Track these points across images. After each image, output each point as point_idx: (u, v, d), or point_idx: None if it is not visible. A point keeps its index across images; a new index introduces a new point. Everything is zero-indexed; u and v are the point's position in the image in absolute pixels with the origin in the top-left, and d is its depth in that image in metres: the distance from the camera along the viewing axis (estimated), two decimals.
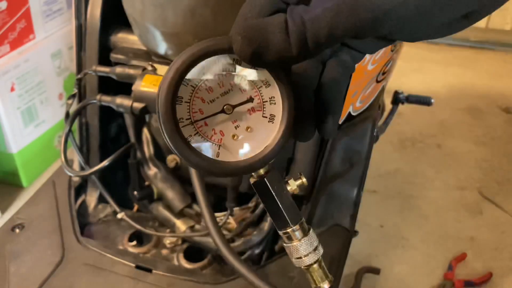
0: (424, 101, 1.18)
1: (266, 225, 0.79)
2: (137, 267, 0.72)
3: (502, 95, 1.82)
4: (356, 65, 0.38)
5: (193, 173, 0.69)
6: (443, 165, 1.46)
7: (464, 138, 1.59)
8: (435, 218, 1.27)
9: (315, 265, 0.41)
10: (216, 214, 0.81)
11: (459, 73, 1.94)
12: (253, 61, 0.33)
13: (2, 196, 1.31)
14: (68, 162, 0.76)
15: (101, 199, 0.88)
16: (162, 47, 0.69)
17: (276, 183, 0.40)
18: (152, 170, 0.85)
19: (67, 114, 0.78)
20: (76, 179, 0.88)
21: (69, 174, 0.79)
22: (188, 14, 0.63)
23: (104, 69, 0.75)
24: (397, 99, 1.20)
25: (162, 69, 0.72)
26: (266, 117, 0.37)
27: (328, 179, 0.78)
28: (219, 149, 0.37)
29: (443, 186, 1.38)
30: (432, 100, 1.19)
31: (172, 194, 0.83)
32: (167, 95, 0.35)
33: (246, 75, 0.36)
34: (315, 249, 0.41)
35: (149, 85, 0.68)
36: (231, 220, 0.82)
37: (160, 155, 0.86)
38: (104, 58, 0.78)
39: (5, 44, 1.21)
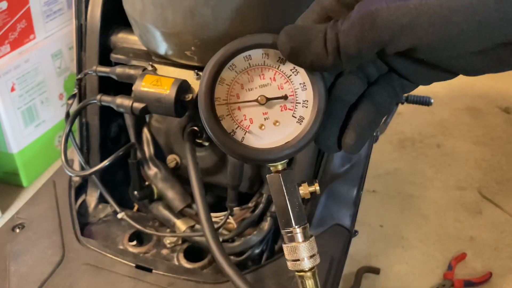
0: (423, 101, 1.19)
1: (266, 225, 0.79)
2: (137, 266, 0.72)
3: (501, 95, 1.82)
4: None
5: (192, 173, 0.69)
6: (443, 165, 1.46)
7: (463, 138, 1.59)
8: (435, 218, 1.27)
9: (309, 273, 0.42)
10: (216, 214, 0.81)
11: None
12: (291, 58, 0.36)
13: (3, 196, 1.31)
14: (69, 162, 0.77)
15: (101, 199, 0.88)
16: (162, 47, 0.70)
17: (290, 182, 0.42)
18: (152, 170, 0.85)
19: (68, 114, 0.78)
20: (76, 179, 0.88)
21: (70, 174, 0.79)
22: (188, 14, 0.63)
23: (104, 69, 0.75)
24: None
25: (162, 69, 0.72)
26: (295, 117, 0.39)
27: (328, 179, 0.78)
28: (245, 134, 0.39)
29: (442, 186, 1.38)
30: (432, 100, 1.19)
31: (172, 194, 0.83)
32: (211, 73, 0.39)
33: (287, 74, 0.39)
34: (313, 256, 0.42)
35: (150, 85, 0.68)
36: (231, 220, 0.82)
37: (160, 155, 0.86)
38: (104, 58, 0.78)
39: (6, 44, 1.21)
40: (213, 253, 0.64)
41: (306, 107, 0.39)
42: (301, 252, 0.42)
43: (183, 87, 0.68)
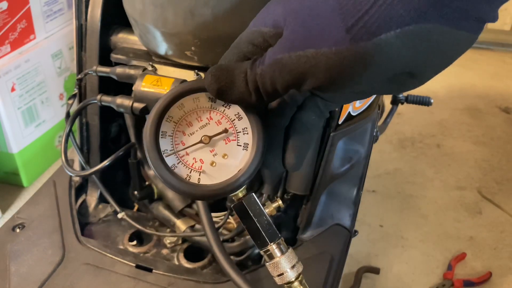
0: (423, 101, 1.19)
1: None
2: (137, 266, 0.72)
3: (501, 95, 1.82)
4: None
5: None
6: (443, 165, 1.47)
7: (463, 138, 1.59)
8: (435, 218, 1.27)
9: (296, 282, 0.45)
10: (216, 214, 0.82)
11: (458, 73, 1.94)
12: (219, 97, 0.40)
13: (3, 196, 1.31)
14: (69, 162, 0.77)
15: (102, 199, 0.88)
16: (163, 47, 0.70)
17: (254, 205, 0.44)
18: (152, 170, 0.85)
19: (68, 114, 0.78)
20: (76, 179, 0.88)
21: (70, 174, 0.79)
22: (188, 14, 0.63)
23: (104, 69, 0.75)
24: (396, 99, 1.21)
25: (162, 69, 0.72)
26: (241, 145, 0.42)
27: (328, 179, 0.78)
28: (199, 175, 0.42)
29: (442, 186, 1.38)
30: (432, 100, 1.19)
31: (172, 194, 0.83)
32: (151, 130, 0.41)
33: (221, 110, 0.42)
34: (294, 266, 0.45)
35: (150, 85, 0.68)
36: (231, 220, 0.82)
37: None
38: (104, 58, 0.78)
39: (6, 44, 1.21)
40: (214, 253, 0.64)
41: (247, 133, 0.42)
42: (282, 266, 0.44)
43: None
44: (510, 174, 1.43)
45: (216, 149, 0.42)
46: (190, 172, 0.42)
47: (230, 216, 0.81)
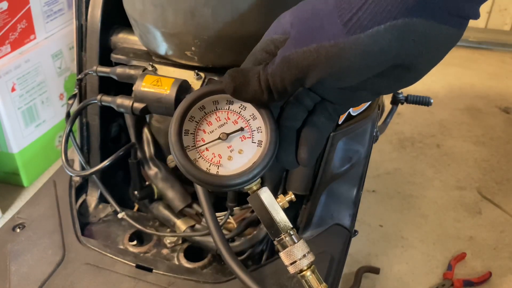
0: (423, 101, 1.19)
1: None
2: (138, 266, 0.72)
3: (501, 95, 1.82)
4: None
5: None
6: (442, 165, 1.47)
7: (463, 138, 1.59)
8: (435, 218, 1.27)
9: (309, 272, 0.47)
10: (216, 214, 0.82)
11: (458, 73, 1.94)
12: (235, 95, 0.44)
13: (3, 196, 1.31)
14: (69, 162, 0.77)
15: (102, 199, 0.89)
16: (163, 48, 0.70)
17: (268, 197, 0.48)
18: (152, 170, 0.85)
19: (68, 114, 0.78)
20: (76, 179, 0.88)
21: (70, 174, 0.79)
22: (188, 14, 0.63)
23: (104, 70, 0.75)
24: (396, 99, 1.21)
25: (162, 69, 0.72)
26: (255, 142, 0.47)
27: (328, 179, 0.78)
28: (218, 168, 0.46)
29: (442, 185, 1.38)
30: (431, 100, 1.19)
31: (172, 194, 0.83)
32: (175, 129, 0.46)
33: (237, 111, 0.47)
34: (307, 253, 0.48)
35: (150, 85, 0.68)
36: (231, 219, 0.82)
37: (160, 155, 0.86)
38: (104, 59, 0.78)
39: (6, 45, 1.21)
40: (220, 252, 0.65)
41: (261, 132, 0.47)
42: (295, 253, 0.47)
43: (183, 87, 0.68)
44: (510, 174, 1.43)
45: (233, 145, 0.47)
46: (210, 166, 0.46)
47: (230, 216, 0.81)
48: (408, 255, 1.16)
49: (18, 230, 0.78)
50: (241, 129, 0.47)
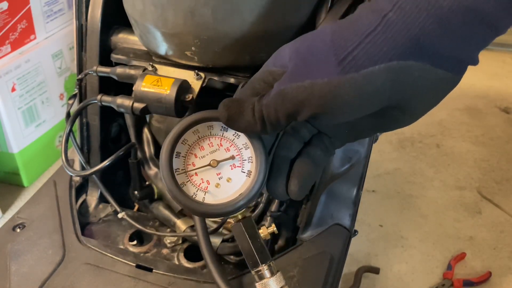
0: None
1: (265, 225, 0.79)
2: (138, 266, 0.72)
3: (501, 95, 1.82)
4: None
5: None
6: (442, 165, 1.47)
7: (463, 138, 1.59)
8: (434, 218, 1.27)
9: None
10: None
11: None
12: (229, 124, 0.44)
13: (3, 196, 1.31)
14: (69, 162, 0.77)
15: (102, 199, 0.89)
16: (163, 48, 0.70)
17: (250, 228, 0.49)
18: (152, 170, 0.85)
19: (68, 114, 0.78)
20: (77, 179, 0.88)
21: (70, 174, 0.79)
22: (188, 14, 0.63)
23: (104, 70, 0.76)
24: None
25: (162, 69, 0.72)
26: (244, 172, 0.47)
27: (328, 179, 0.78)
28: (204, 194, 0.46)
29: (442, 185, 1.38)
30: None
31: None
32: (167, 150, 0.46)
33: (231, 138, 0.47)
34: (283, 286, 0.49)
35: (150, 85, 0.68)
36: (231, 220, 0.82)
37: None
38: (104, 59, 0.78)
39: (6, 45, 1.21)
40: (204, 257, 0.66)
41: (252, 162, 0.47)
42: (271, 286, 0.48)
43: (184, 87, 0.68)
44: (509, 174, 1.43)
45: (222, 172, 0.47)
46: (197, 191, 0.46)
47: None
48: (408, 255, 1.16)
49: (18, 230, 0.78)
50: (232, 157, 0.47)
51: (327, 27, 0.40)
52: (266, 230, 0.51)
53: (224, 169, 0.47)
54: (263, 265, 0.48)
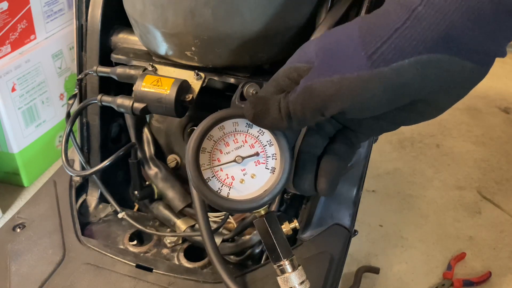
0: None
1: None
2: (138, 266, 0.72)
3: (501, 95, 1.82)
4: None
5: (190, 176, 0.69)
6: (442, 165, 1.47)
7: (463, 138, 1.59)
8: (434, 218, 1.27)
9: None
10: (216, 214, 0.82)
11: None
12: (255, 121, 0.45)
13: (3, 196, 1.31)
14: (69, 162, 0.77)
15: (102, 199, 0.89)
16: (163, 48, 0.70)
17: (273, 223, 0.49)
18: (152, 170, 0.85)
19: (68, 114, 0.78)
20: (77, 179, 0.88)
21: (70, 174, 0.79)
22: (188, 14, 0.63)
23: (105, 70, 0.76)
24: None
25: (162, 69, 0.73)
26: (268, 169, 0.48)
27: None
28: (229, 190, 0.47)
29: (442, 185, 1.38)
30: None
31: (172, 194, 0.84)
32: (194, 146, 0.47)
33: (255, 135, 0.48)
34: (303, 282, 0.50)
35: (150, 85, 0.68)
36: (231, 219, 0.82)
37: (160, 155, 0.86)
38: (105, 59, 0.79)
39: (6, 45, 1.21)
40: (209, 255, 0.66)
41: (276, 159, 0.48)
42: (292, 281, 0.49)
43: (184, 87, 0.68)
44: (509, 174, 1.43)
45: (247, 169, 0.48)
46: (222, 186, 0.47)
47: (230, 216, 0.81)
48: (408, 255, 1.16)
49: (18, 230, 0.78)
50: (257, 153, 0.48)
51: (353, 23, 0.40)
52: (288, 226, 0.52)
53: (248, 165, 0.48)
54: (285, 260, 0.49)
